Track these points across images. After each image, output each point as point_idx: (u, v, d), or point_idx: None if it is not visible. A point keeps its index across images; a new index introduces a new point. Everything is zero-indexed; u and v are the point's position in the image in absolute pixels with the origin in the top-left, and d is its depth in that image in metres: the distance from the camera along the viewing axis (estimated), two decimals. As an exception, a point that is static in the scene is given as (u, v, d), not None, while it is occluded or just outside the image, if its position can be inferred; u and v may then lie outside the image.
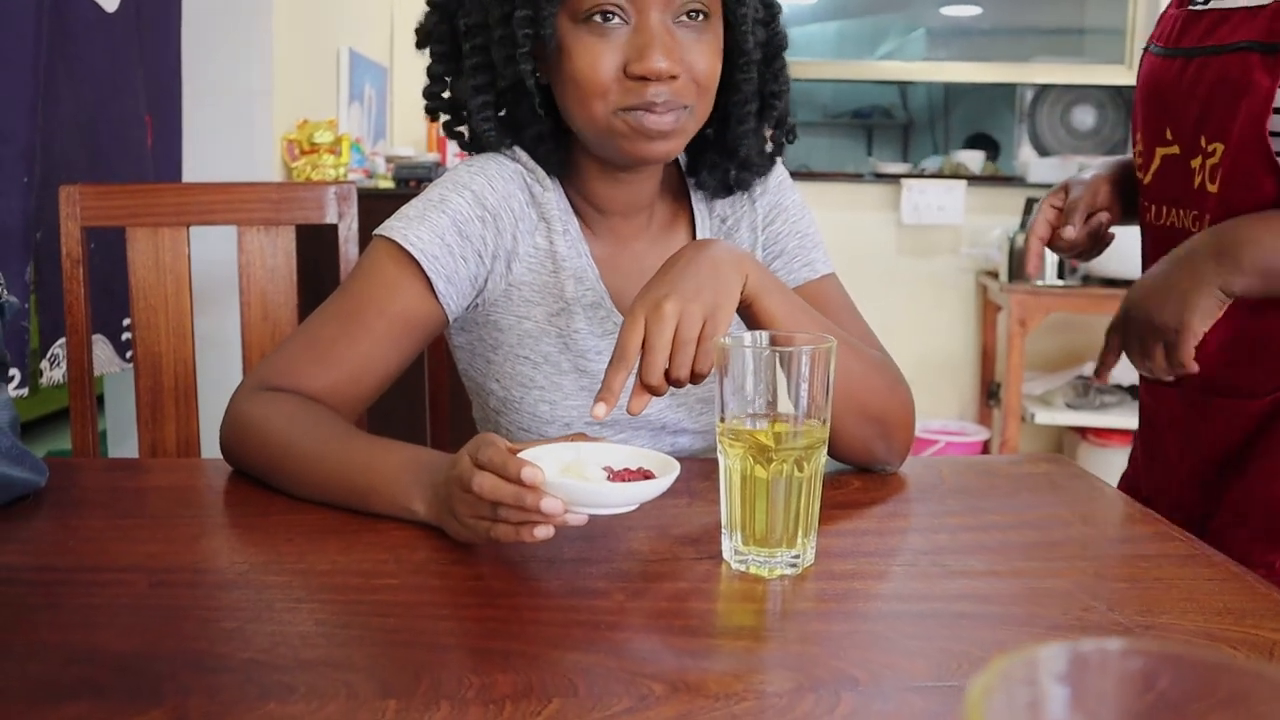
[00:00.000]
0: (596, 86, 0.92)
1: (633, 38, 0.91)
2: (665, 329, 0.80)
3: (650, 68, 0.90)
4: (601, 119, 0.93)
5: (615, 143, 0.94)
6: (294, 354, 0.96)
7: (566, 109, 0.96)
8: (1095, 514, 0.90)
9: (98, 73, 1.94)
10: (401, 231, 0.96)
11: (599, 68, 0.91)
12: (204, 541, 0.80)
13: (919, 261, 3.66)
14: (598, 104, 0.92)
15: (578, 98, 0.93)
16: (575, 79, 0.93)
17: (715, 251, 0.86)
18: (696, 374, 0.82)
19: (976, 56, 4.62)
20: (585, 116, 0.94)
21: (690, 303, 0.81)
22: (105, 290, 1.94)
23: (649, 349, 0.80)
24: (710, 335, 0.81)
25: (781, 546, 0.74)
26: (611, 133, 0.93)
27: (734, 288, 0.85)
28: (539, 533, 0.69)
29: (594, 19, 0.91)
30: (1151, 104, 1.14)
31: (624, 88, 0.91)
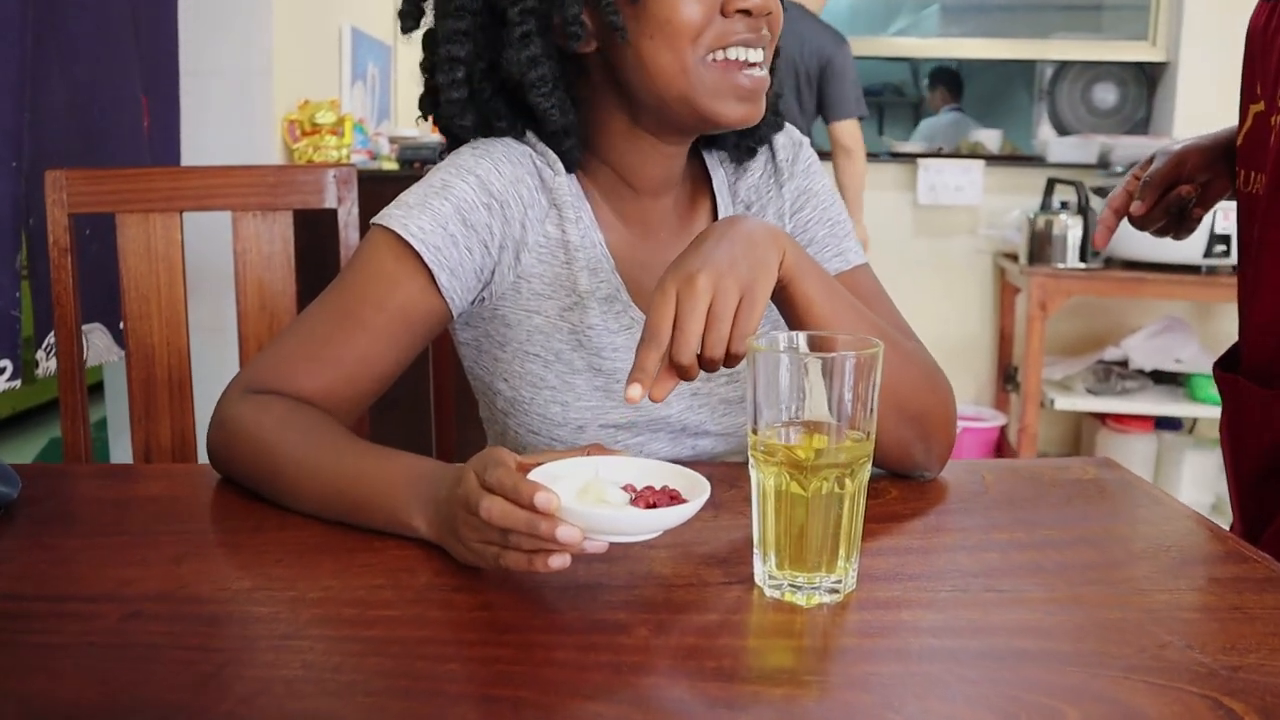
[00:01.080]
0: (692, 28, 0.84)
1: None
2: (699, 304, 0.72)
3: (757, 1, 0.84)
4: (694, 69, 0.85)
5: (704, 101, 0.86)
6: (286, 353, 0.89)
7: (648, 66, 0.87)
8: (1156, 529, 0.82)
9: (90, 51, 1.87)
10: (401, 220, 0.88)
11: (695, 4, 0.84)
12: (186, 564, 0.73)
13: (935, 243, 3.58)
14: (688, 50, 0.85)
15: (668, 43, 0.85)
16: (668, 20, 0.84)
17: (750, 226, 0.79)
18: (731, 355, 0.74)
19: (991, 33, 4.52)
20: (676, 68, 0.85)
21: (725, 277, 0.74)
22: (102, 277, 1.87)
23: (681, 326, 0.73)
24: (747, 313, 0.74)
25: (821, 571, 0.67)
26: (703, 89, 0.86)
27: (771, 263, 0.77)
28: (554, 562, 0.62)
29: None
30: (1247, 56, 1.05)
31: (718, 28, 0.85)
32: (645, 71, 0.87)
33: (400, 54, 3.34)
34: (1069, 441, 3.62)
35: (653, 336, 0.73)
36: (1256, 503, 1.07)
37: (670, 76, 0.86)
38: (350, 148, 2.51)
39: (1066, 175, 3.20)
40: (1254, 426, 1.05)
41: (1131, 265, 3.04)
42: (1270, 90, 1.00)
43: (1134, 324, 3.40)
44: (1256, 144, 1.03)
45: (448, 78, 0.91)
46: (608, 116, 0.93)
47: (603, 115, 0.94)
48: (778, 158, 1.01)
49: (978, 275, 3.60)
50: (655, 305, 0.73)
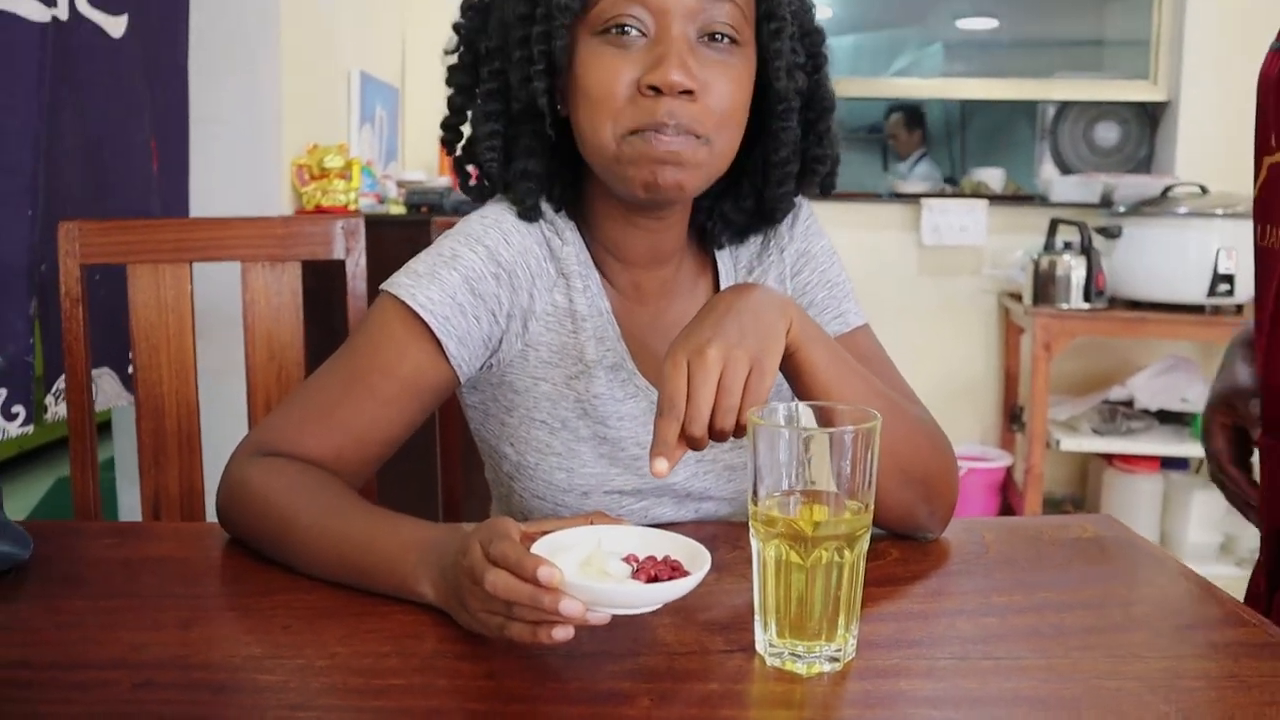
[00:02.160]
0: (609, 101, 0.85)
1: (650, 49, 0.85)
2: (710, 376, 0.74)
3: (664, 78, 0.83)
4: (610, 143, 0.86)
5: (624, 171, 0.87)
6: (296, 416, 0.90)
7: (580, 135, 0.90)
8: (1156, 591, 0.83)
9: (103, 100, 1.90)
10: (410, 290, 0.90)
11: (613, 80, 0.85)
12: (196, 629, 0.74)
13: (940, 282, 3.59)
14: (608, 124, 0.86)
15: (589, 116, 0.87)
16: (587, 93, 0.86)
17: (758, 295, 0.80)
18: (741, 426, 0.75)
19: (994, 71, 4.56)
20: (596, 141, 0.87)
21: (735, 348, 0.75)
22: (111, 321, 1.89)
23: (693, 398, 0.74)
24: (756, 384, 0.75)
25: (820, 639, 0.68)
26: (620, 160, 0.87)
27: (779, 333, 0.79)
28: (557, 634, 0.63)
29: (611, 31, 0.85)
30: (1260, 108, 1.04)
31: (636, 105, 0.85)
32: (584, 145, 0.90)
33: (408, 96, 3.38)
34: (1075, 482, 3.62)
35: (670, 408, 0.74)
36: None
37: (597, 150, 0.88)
38: (358, 191, 2.53)
39: (1069, 215, 3.22)
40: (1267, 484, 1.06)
41: (1135, 305, 3.06)
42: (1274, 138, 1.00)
43: (1139, 363, 3.40)
44: (1274, 196, 1.02)
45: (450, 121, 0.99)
46: (592, 187, 0.96)
47: (589, 186, 0.96)
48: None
49: (982, 315, 3.61)
50: (669, 377, 0.75)
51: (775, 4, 0.89)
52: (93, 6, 1.85)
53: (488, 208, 0.97)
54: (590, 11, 0.86)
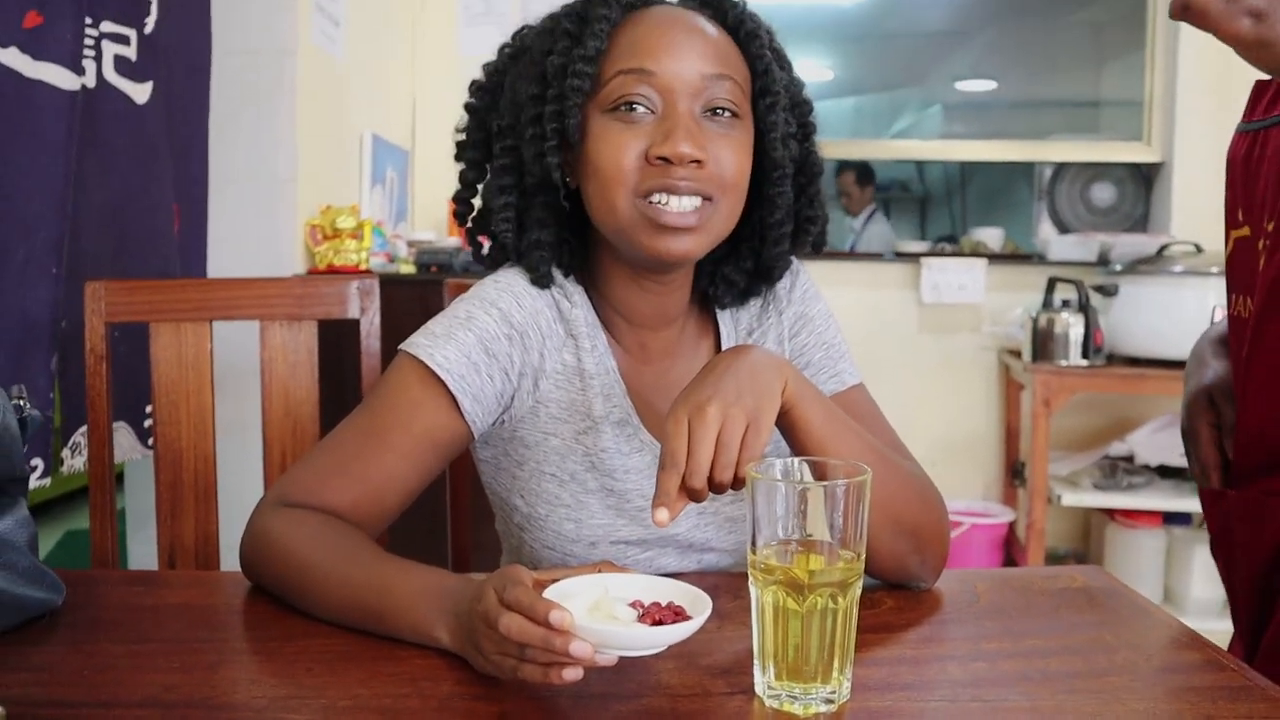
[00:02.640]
0: (620, 173, 0.92)
1: (659, 124, 0.92)
2: (709, 433, 0.79)
3: (674, 150, 0.90)
4: (623, 209, 0.92)
5: (635, 237, 0.93)
6: (317, 469, 0.95)
7: (591, 204, 0.96)
8: (1139, 637, 0.87)
9: (127, 164, 1.97)
10: (427, 350, 0.95)
11: (623, 153, 0.92)
12: (222, 670, 0.78)
13: (940, 340, 3.64)
14: (619, 192, 0.92)
15: (601, 186, 0.93)
16: (599, 166, 0.93)
17: (755, 356, 0.85)
18: (739, 480, 0.80)
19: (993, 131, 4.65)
20: (607, 207, 0.93)
21: (732, 406, 0.80)
22: (129, 377, 1.94)
23: (693, 453, 0.79)
24: (753, 440, 0.80)
25: (816, 682, 0.71)
26: (632, 226, 0.93)
27: (775, 391, 0.84)
28: (567, 675, 0.66)
29: (621, 109, 0.92)
30: (1229, 184, 1.11)
31: (646, 172, 0.91)
32: (595, 212, 0.96)
33: (418, 158, 3.47)
34: (1078, 537, 3.64)
35: (672, 463, 0.79)
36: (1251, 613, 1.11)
37: (608, 216, 0.94)
38: (369, 251, 2.60)
39: (1067, 273, 3.28)
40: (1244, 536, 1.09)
41: (1133, 361, 3.10)
42: (1257, 216, 1.05)
43: (1138, 419, 3.44)
44: (1241, 268, 1.08)
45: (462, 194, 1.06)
46: (602, 252, 1.01)
47: (599, 250, 1.02)
48: (775, 286, 1.08)
49: (983, 372, 3.65)
50: (670, 433, 0.79)
51: (769, 80, 0.96)
52: (119, 75, 1.93)
53: (501, 273, 1.02)
54: (600, 92, 0.93)
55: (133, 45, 1.95)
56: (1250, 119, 1.09)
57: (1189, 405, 1.16)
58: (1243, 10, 0.77)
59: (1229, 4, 0.77)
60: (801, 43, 4.94)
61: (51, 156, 1.71)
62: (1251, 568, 1.09)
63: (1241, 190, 1.08)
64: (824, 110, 4.62)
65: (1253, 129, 1.08)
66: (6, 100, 1.65)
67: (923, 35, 4.85)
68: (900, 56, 5.09)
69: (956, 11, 4.52)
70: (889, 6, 4.72)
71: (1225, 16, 0.77)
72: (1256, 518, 1.07)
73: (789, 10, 4.51)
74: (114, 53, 1.91)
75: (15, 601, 0.84)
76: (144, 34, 1.98)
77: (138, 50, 1.96)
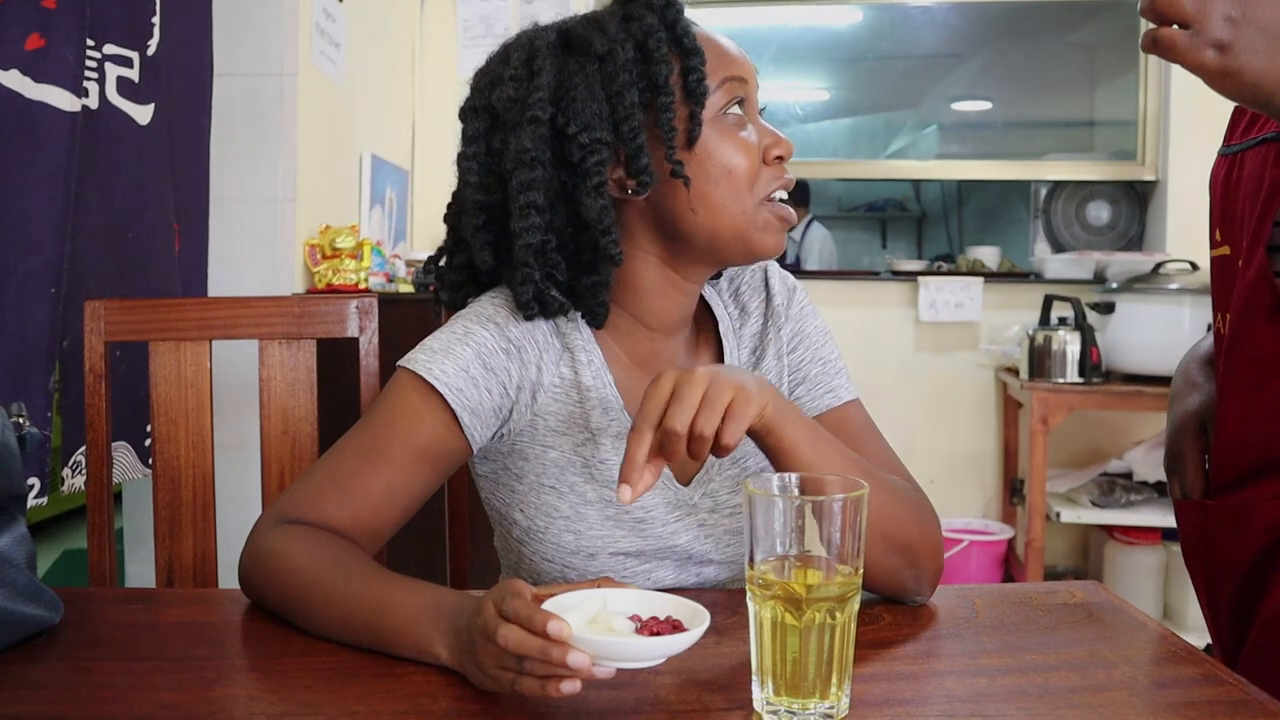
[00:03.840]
0: (749, 173, 0.96)
1: (755, 130, 0.97)
2: (695, 389, 0.81)
3: (788, 148, 0.97)
4: (750, 209, 0.96)
5: (757, 236, 0.97)
6: (316, 486, 0.95)
7: (703, 209, 0.96)
8: (1138, 652, 0.87)
9: (129, 184, 1.97)
10: (425, 365, 0.95)
11: (750, 155, 0.96)
12: (220, 688, 0.78)
13: (938, 358, 3.65)
14: (747, 196, 0.96)
15: (730, 189, 0.96)
16: (730, 168, 0.95)
17: (740, 374, 0.86)
18: (721, 445, 0.81)
19: (988, 150, 4.68)
20: (738, 209, 0.96)
21: (718, 375, 0.83)
22: (130, 397, 1.94)
23: (678, 397, 0.81)
24: (740, 408, 0.81)
25: (815, 697, 0.71)
26: (757, 225, 0.97)
27: (753, 405, 0.84)
28: (565, 687, 0.67)
29: (732, 113, 0.96)
30: (1211, 205, 1.13)
31: (765, 174, 0.97)
32: (706, 211, 0.96)
33: (417, 178, 3.48)
34: (1077, 554, 3.63)
35: (646, 422, 0.80)
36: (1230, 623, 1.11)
37: (732, 215, 0.96)
38: (368, 270, 2.61)
39: (1063, 291, 3.29)
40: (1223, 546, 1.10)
41: (1130, 379, 3.10)
42: (1236, 235, 1.07)
43: (1135, 436, 3.44)
44: (1220, 286, 1.10)
45: (525, 223, 0.94)
46: (639, 257, 1.00)
47: (632, 256, 1.00)
48: (774, 302, 1.09)
49: (981, 390, 3.66)
50: (649, 394, 0.81)
51: None
52: (122, 96, 1.94)
53: (497, 290, 1.03)
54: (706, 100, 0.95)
55: (135, 67, 1.96)
56: (1229, 143, 1.11)
57: (1178, 429, 1.17)
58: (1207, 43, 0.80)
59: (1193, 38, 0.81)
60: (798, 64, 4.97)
61: (51, 177, 1.72)
62: (1231, 578, 1.10)
63: (1220, 210, 1.10)
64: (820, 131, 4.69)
65: (1232, 152, 1.10)
66: (7, 121, 1.66)
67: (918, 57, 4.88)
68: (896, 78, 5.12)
69: (951, 33, 4.55)
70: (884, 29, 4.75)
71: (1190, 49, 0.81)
72: (1236, 528, 1.08)
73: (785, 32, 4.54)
74: (117, 74, 1.92)
75: (13, 619, 0.84)
76: (146, 56, 1.99)
77: (140, 72, 1.98)
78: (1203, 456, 1.15)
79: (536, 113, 0.93)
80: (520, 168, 0.94)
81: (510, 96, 0.96)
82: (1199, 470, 1.15)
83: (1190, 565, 1.18)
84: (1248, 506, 1.06)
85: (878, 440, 1.05)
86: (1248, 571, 1.07)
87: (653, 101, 0.94)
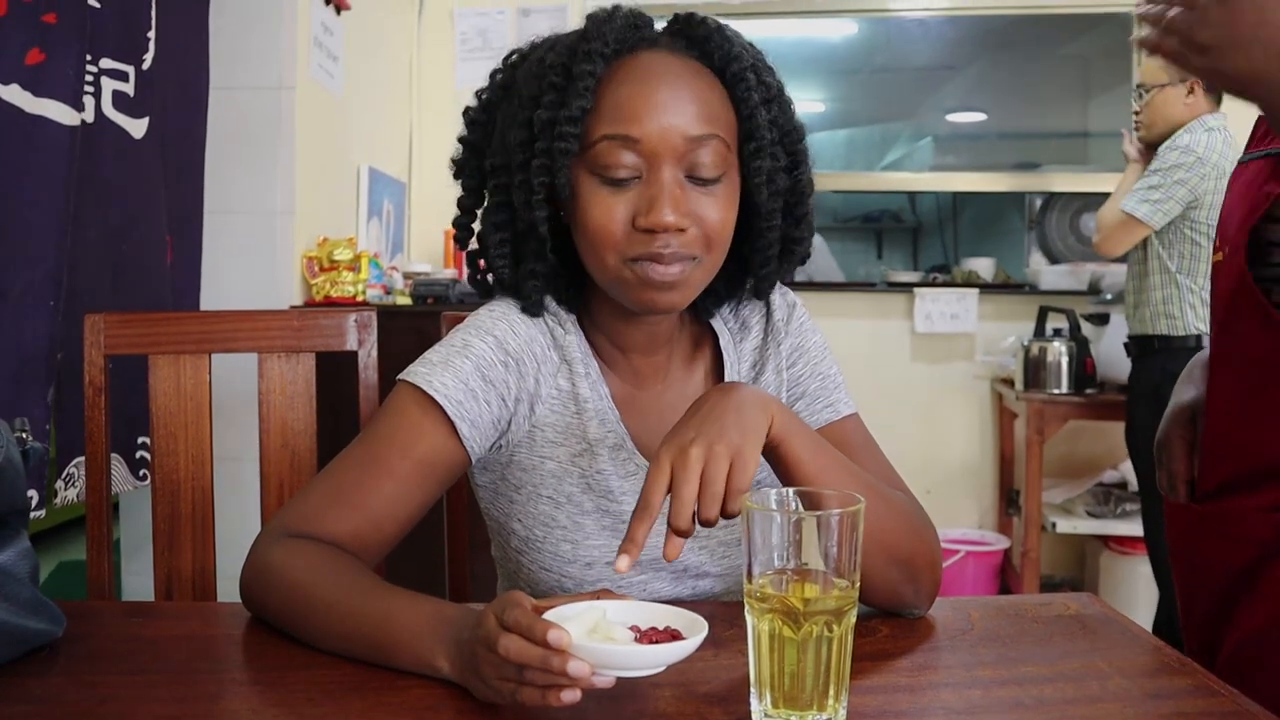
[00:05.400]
0: (608, 238, 0.94)
1: (643, 190, 0.93)
2: (691, 475, 0.80)
3: (657, 221, 0.92)
4: (612, 269, 0.95)
5: (624, 292, 0.96)
6: (317, 499, 0.95)
7: (582, 256, 0.99)
8: (1131, 664, 0.88)
9: (123, 197, 1.99)
10: (425, 377, 0.96)
11: (611, 220, 0.94)
12: (223, 701, 0.78)
13: (934, 369, 3.66)
14: (609, 254, 0.95)
15: (590, 247, 0.96)
16: (588, 229, 0.95)
17: (740, 394, 0.86)
18: (725, 514, 0.81)
19: (983, 162, 4.69)
20: (597, 265, 0.96)
21: (716, 444, 0.81)
22: (121, 409, 1.95)
23: (676, 493, 0.80)
24: (738, 475, 0.81)
25: (812, 709, 0.72)
26: (621, 282, 0.95)
27: (760, 428, 0.85)
28: (565, 697, 0.67)
29: (606, 175, 0.94)
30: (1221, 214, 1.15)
31: (633, 238, 0.94)
32: (586, 263, 0.99)
33: (414, 190, 3.49)
34: (1072, 564, 3.64)
35: (645, 509, 0.80)
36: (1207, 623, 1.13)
37: (599, 272, 0.97)
38: (366, 283, 2.61)
39: (1058, 303, 3.31)
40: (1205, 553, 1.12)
41: (1125, 390, 3.11)
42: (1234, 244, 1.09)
43: (1130, 447, 3.45)
44: (1213, 293, 1.12)
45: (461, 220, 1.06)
46: (591, 287, 1.03)
47: (589, 285, 1.03)
48: (774, 318, 1.10)
49: (976, 400, 3.67)
50: (650, 479, 0.81)
51: (755, 126, 0.97)
52: (117, 110, 1.95)
53: (495, 302, 1.05)
54: (587, 153, 0.94)
55: (131, 81, 1.97)
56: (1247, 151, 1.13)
57: (1168, 419, 1.20)
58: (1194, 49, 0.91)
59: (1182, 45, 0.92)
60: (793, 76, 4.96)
61: (51, 190, 1.73)
62: (1213, 582, 1.11)
63: (1226, 217, 1.12)
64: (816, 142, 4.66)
65: (1242, 161, 1.12)
66: (7, 135, 1.67)
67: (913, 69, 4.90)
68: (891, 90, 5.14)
69: (946, 46, 4.58)
70: (879, 42, 4.77)
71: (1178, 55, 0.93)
72: (1220, 536, 1.09)
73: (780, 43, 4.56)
74: (112, 88, 1.93)
75: (17, 633, 0.84)
76: (142, 70, 2.01)
77: (135, 86, 1.99)
78: (1189, 447, 1.17)
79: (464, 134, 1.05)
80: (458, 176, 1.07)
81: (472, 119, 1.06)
82: (1184, 458, 1.17)
83: (1173, 563, 1.20)
84: (1233, 516, 1.08)
85: (876, 455, 1.06)
86: (1226, 584, 1.08)
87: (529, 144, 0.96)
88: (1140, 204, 2.68)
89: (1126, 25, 3.76)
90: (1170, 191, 2.64)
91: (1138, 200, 2.69)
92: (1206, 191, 2.63)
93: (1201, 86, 2.74)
